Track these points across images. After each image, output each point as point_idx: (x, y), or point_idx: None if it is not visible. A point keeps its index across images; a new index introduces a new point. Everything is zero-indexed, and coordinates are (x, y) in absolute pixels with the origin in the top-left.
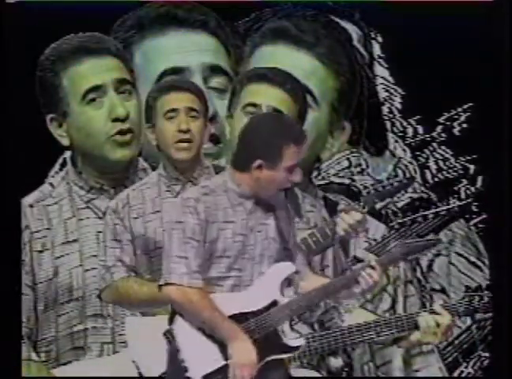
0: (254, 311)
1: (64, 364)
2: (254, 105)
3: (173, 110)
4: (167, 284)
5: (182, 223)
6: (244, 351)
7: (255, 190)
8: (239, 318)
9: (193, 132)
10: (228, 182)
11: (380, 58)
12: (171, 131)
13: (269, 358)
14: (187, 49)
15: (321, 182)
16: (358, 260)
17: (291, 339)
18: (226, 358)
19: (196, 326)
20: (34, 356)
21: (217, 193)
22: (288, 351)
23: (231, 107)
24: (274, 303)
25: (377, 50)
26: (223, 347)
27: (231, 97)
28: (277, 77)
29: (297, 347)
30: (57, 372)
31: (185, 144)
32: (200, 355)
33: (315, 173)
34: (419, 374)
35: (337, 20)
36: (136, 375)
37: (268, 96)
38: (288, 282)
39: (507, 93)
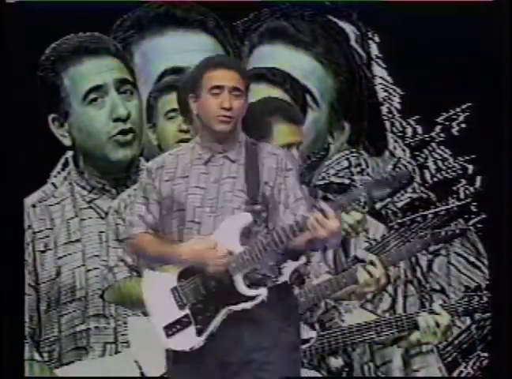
0: None
1: (66, 364)
2: (219, 87)
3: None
4: (127, 240)
5: (139, 184)
6: (198, 242)
7: (208, 133)
8: (195, 270)
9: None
10: (197, 138)
11: (378, 58)
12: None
13: (227, 308)
14: (187, 49)
15: (321, 182)
16: (358, 260)
17: (247, 289)
18: (182, 307)
19: (158, 279)
20: (37, 356)
21: (182, 151)
22: (243, 301)
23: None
24: (229, 254)
25: (375, 50)
26: (179, 298)
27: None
28: (276, 77)
29: (253, 297)
30: (59, 372)
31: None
32: (160, 308)
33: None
34: (418, 374)
35: (335, 20)
36: (138, 375)
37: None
38: (247, 231)
39: (506, 93)
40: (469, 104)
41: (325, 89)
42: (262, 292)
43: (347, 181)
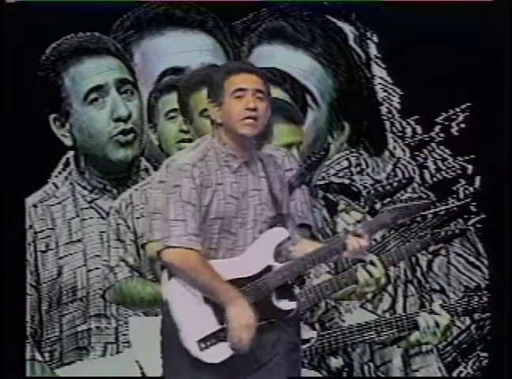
0: (248, 276)
1: (68, 364)
2: (242, 90)
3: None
4: (166, 248)
5: (179, 187)
6: (243, 314)
7: (232, 140)
8: (235, 284)
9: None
10: (216, 143)
11: (377, 58)
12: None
13: (261, 323)
14: (186, 49)
15: (321, 182)
16: (358, 260)
17: (283, 303)
18: (221, 322)
19: (192, 290)
20: (38, 356)
21: (209, 156)
22: (279, 315)
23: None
24: (268, 269)
25: (374, 50)
26: (218, 311)
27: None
28: (276, 77)
29: (289, 311)
30: (60, 372)
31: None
32: (194, 320)
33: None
34: (418, 374)
35: (334, 20)
36: (139, 375)
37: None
38: (282, 247)
39: (506, 93)
40: (469, 104)
41: (324, 89)
42: (295, 306)
43: (347, 182)
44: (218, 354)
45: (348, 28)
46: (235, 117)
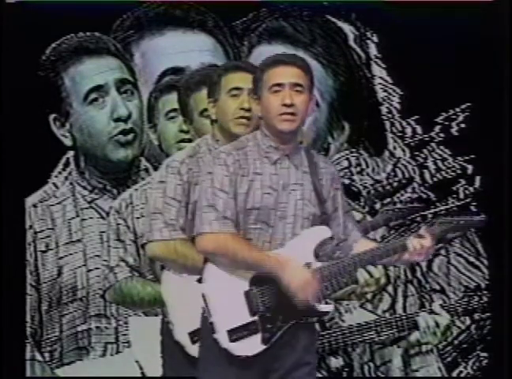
0: None
1: (68, 364)
2: (279, 85)
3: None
4: (200, 235)
5: (211, 175)
6: (299, 273)
7: (272, 133)
8: None
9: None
10: (258, 134)
11: (377, 58)
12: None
13: (298, 321)
14: (186, 49)
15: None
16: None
17: (321, 305)
18: (253, 314)
19: (228, 279)
20: (38, 356)
21: (249, 146)
22: (317, 315)
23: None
24: (306, 266)
25: (374, 50)
26: (251, 303)
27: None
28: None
29: (326, 312)
30: (60, 372)
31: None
32: (226, 310)
33: None
34: (418, 374)
35: (334, 20)
36: (139, 375)
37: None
38: (323, 245)
39: (506, 93)
40: (469, 104)
41: (325, 89)
42: (332, 308)
43: (347, 182)
44: (249, 347)
45: (347, 28)
46: (273, 113)
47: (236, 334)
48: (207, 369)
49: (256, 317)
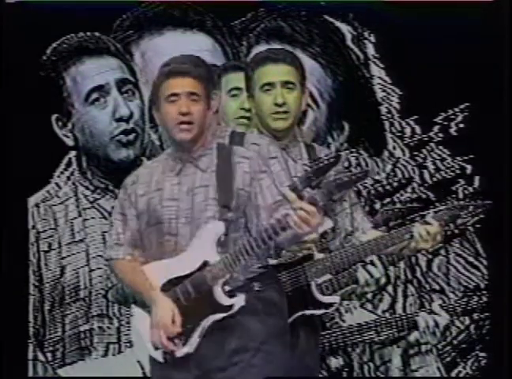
0: (186, 274)
1: (69, 364)
2: (269, 84)
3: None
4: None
5: (117, 200)
6: (161, 312)
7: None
8: (175, 282)
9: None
10: (169, 149)
11: (375, 58)
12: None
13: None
14: (185, 49)
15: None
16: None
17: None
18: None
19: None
20: (40, 356)
21: (156, 163)
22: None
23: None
24: (205, 264)
25: (371, 50)
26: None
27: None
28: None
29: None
30: (62, 372)
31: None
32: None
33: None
34: (417, 374)
35: (331, 20)
36: (141, 375)
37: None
38: (223, 240)
39: (505, 93)
40: (468, 104)
41: (324, 89)
42: (238, 301)
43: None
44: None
45: (345, 28)
46: (170, 122)
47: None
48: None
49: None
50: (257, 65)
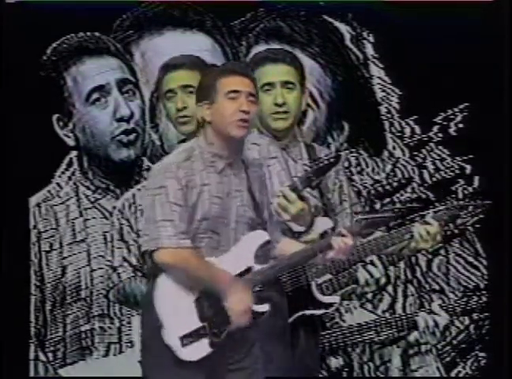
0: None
1: (71, 364)
2: (269, 84)
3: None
4: (157, 250)
5: (165, 188)
6: (241, 299)
7: (220, 141)
8: None
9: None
10: (201, 142)
11: (375, 58)
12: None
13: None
14: (185, 49)
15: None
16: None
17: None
18: (203, 320)
19: (179, 287)
20: (42, 356)
21: (194, 157)
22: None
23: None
24: (248, 270)
25: (370, 50)
26: (201, 309)
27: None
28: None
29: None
30: (63, 371)
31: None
32: (178, 316)
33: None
34: (417, 374)
35: (330, 20)
36: (141, 375)
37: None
38: (262, 249)
39: (505, 93)
40: (467, 104)
41: (324, 89)
42: (267, 308)
43: None
44: (196, 352)
45: (344, 28)
46: (228, 118)
47: (187, 339)
48: (156, 375)
49: (205, 323)
50: (257, 65)
